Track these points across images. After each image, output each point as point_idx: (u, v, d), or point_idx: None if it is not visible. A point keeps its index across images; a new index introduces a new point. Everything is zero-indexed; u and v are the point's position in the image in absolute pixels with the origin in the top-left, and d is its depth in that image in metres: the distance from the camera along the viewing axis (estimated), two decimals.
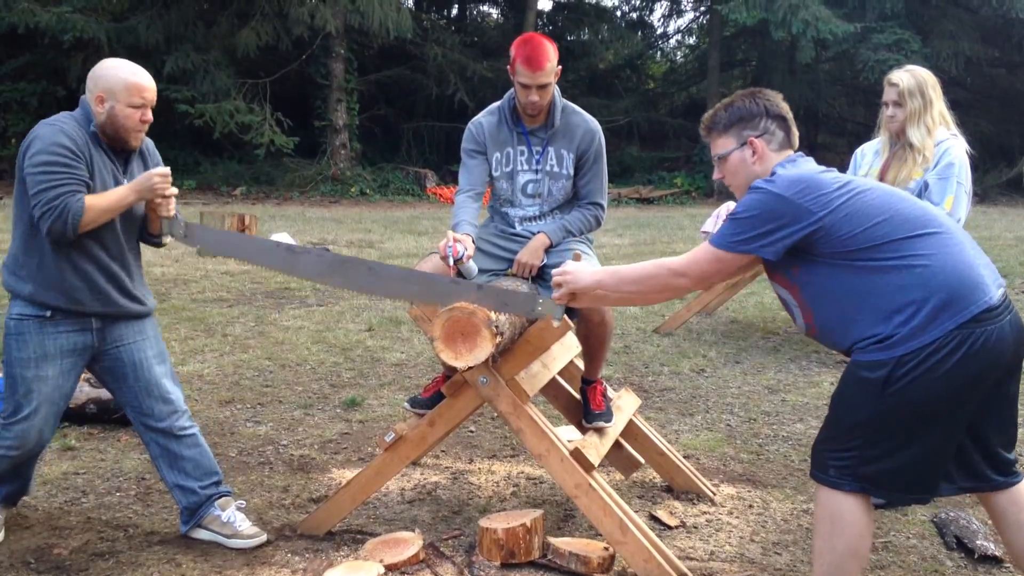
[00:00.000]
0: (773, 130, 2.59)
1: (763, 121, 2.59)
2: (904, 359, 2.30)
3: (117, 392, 3.28)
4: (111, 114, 3.00)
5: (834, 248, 2.39)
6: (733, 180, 2.64)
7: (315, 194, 20.37)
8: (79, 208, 2.91)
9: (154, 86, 3.10)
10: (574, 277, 2.72)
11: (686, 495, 3.78)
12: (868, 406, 2.36)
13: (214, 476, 3.33)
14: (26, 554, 3.14)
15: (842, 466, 2.43)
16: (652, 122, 26.41)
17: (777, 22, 20.47)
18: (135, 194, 3.03)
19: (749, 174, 2.58)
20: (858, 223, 2.38)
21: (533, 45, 3.36)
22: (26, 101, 19.77)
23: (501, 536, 3.05)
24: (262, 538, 3.24)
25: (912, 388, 2.30)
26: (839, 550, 2.44)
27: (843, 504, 2.44)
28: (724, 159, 2.64)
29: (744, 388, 5.56)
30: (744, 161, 2.60)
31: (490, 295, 2.89)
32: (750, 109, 2.60)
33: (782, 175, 2.47)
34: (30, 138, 2.98)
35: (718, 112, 2.66)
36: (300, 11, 19.18)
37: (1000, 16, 22.60)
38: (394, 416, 4.77)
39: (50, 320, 3.04)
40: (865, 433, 2.39)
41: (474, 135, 3.61)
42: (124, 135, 3.05)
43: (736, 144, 2.60)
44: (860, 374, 2.38)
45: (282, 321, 7.16)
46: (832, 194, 2.41)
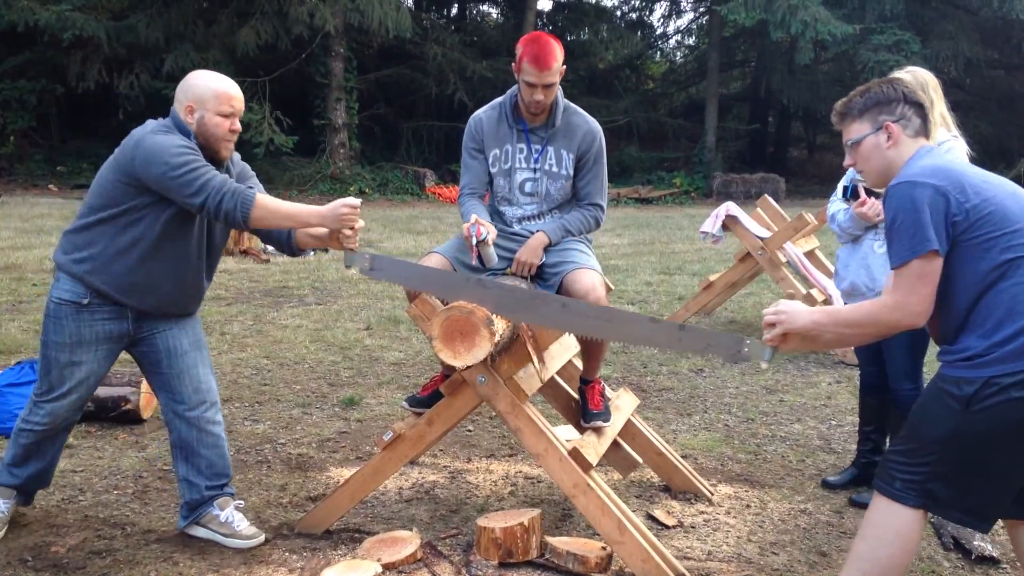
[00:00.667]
0: (910, 116, 2.51)
1: (900, 106, 2.50)
2: (992, 381, 2.24)
3: (150, 376, 3.30)
4: (201, 123, 3.03)
5: (969, 243, 2.30)
6: (866, 165, 2.55)
7: (314, 193, 20.36)
8: (251, 197, 2.91)
9: (242, 95, 3.12)
10: (789, 318, 2.52)
11: (684, 495, 3.78)
12: (948, 422, 2.30)
13: (223, 478, 3.33)
14: (23, 552, 3.14)
15: (909, 479, 2.37)
16: (651, 122, 26.40)
17: (776, 23, 20.47)
18: (320, 219, 3.00)
19: (883, 159, 2.50)
20: (997, 226, 2.30)
21: (541, 44, 3.36)
22: (25, 99, 19.76)
23: (499, 535, 3.05)
24: (260, 538, 3.24)
25: (996, 411, 2.24)
26: (882, 561, 2.39)
27: (901, 517, 2.38)
28: (857, 144, 2.54)
29: (742, 388, 5.57)
30: (879, 146, 2.51)
31: (694, 336, 2.77)
32: (887, 94, 2.52)
33: (923, 166, 2.39)
34: (142, 146, 2.94)
35: (853, 98, 2.58)
36: (300, 10, 19.16)
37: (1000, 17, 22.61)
38: (392, 415, 4.77)
39: (87, 307, 3.06)
40: (941, 450, 2.32)
41: (473, 132, 3.61)
42: (215, 144, 3.06)
43: (871, 129, 2.51)
44: (945, 389, 2.32)
45: (280, 320, 7.16)
46: (979, 186, 2.33)
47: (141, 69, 19.35)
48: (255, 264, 9.92)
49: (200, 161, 2.95)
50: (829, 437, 4.68)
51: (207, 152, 3.05)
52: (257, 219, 2.95)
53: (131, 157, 2.96)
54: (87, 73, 19.20)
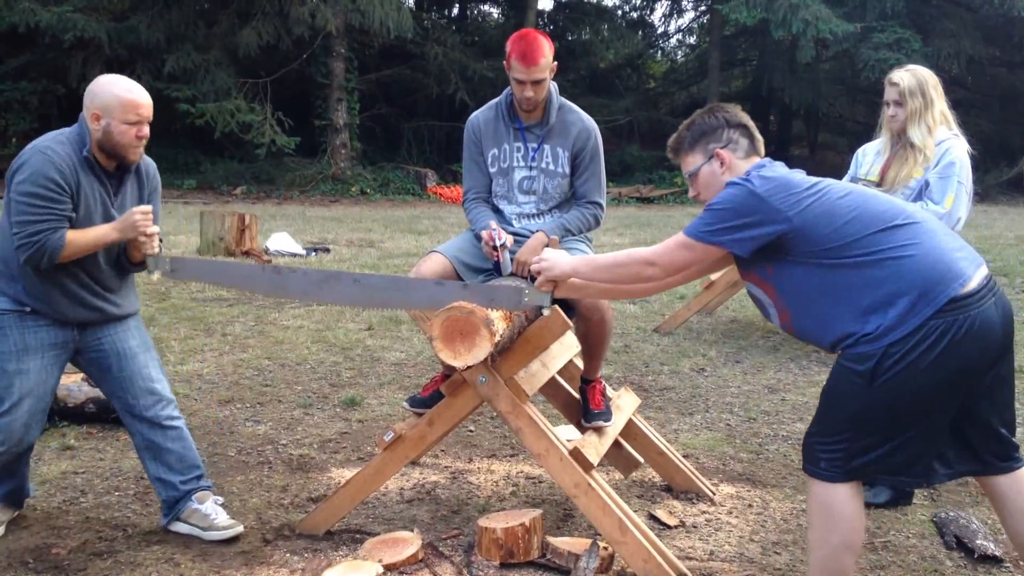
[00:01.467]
0: (737, 139, 2.66)
1: (725, 132, 2.67)
2: (890, 350, 2.32)
3: (102, 384, 3.30)
4: (107, 131, 3.03)
5: (807, 247, 2.43)
6: (707, 193, 2.67)
7: (315, 193, 20.39)
8: (58, 245, 2.95)
9: (150, 102, 3.11)
10: (550, 264, 2.78)
11: (685, 494, 3.77)
12: (857, 399, 2.39)
13: (196, 471, 3.34)
14: (24, 554, 3.13)
15: (833, 458, 2.46)
16: (652, 121, 26.42)
17: (777, 21, 20.48)
18: (117, 232, 3.05)
19: (719, 184, 2.62)
20: (829, 222, 2.42)
21: (528, 41, 3.37)
22: (27, 100, 19.81)
23: (500, 535, 3.04)
24: (238, 529, 3.26)
25: (899, 379, 2.33)
26: (833, 543, 2.47)
27: (836, 496, 2.46)
28: (695, 176, 2.70)
29: (744, 387, 5.56)
30: (714, 173, 2.66)
31: (477, 292, 2.92)
32: (710, 123, 2.69)
33: (756, 175, 2.52)
34: (20, 161, 3.00)
35: (681, 133, 2.75)
36: (301, 10, 19.19)
37: (1001, 15, 22.60)
38: (393, 415, 4.77)
39: (30, 315, 3.07)
40: (855, 425, 2.42)
41: (472, 134, 3.62)
42: (121, 151, 3.07)
43: (703, 159, 2.67)
44: (848, 367, 2.41)
45: (282, 320, 7.16)
46: (803, 194, 2.46)
47: (142, 70, 19.37)
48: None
49: (48, 205, 2.94)
50: None
51: (114, 158, 3.07)
52: (65, 258, 2.99)
53: (13, 168, 3.00)
54: (88, 74, 19.16)
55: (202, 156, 22.05)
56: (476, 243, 3.52)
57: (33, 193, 2.93)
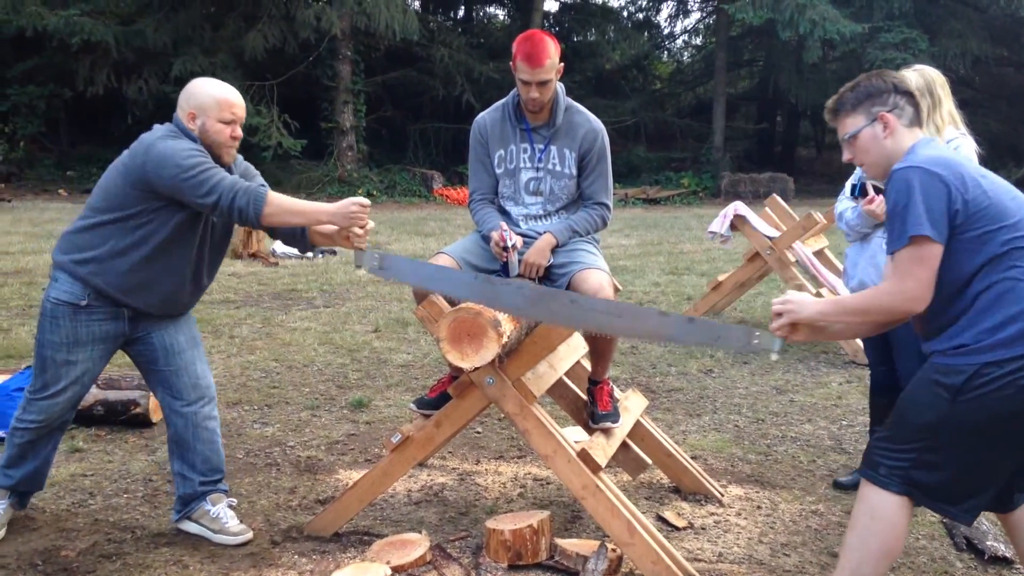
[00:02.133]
0: (903, 105, 2.52)
1: (892, 96, 2.52)
2: (983, 370, 2.25)
3: (147, 374, 3.33)
4: (203, 130, 3.07)
5: (966, 236, 2.31)
6: (865, 158, 2.55)
7: (322, 195, 20.38)
8: (263, 194, 2.95)
9: (243, 103, 3.16)
10: (796, 307, 2.52)
11: (694, 496, 3.76)
12: (936, 411, 2.31)
13: (218, 474, 3.37)
14: (33, 556, 3.14)
15: (894, 467, 2.40)
16: (659, 122, 26.39)
17: (784, 22, 20.44)
18: (330, 217, 3.03)
19: (881, 150, 2.50)
20: (993, 219, 2.31)
21: (534, 42, 3.37)
22: (34, 104, 19.88)
23: (508, 537, 3.04)
24: (248, 535, 3.27)
25: (984, 401, 2.25)
26: (872, 549, 2.42)
27: (887, 504, 2.41)
28: (854, 138, 2.54)
29: (752, 389, 5.54)
30: (876, 137, 2.51)
31: (704, 328, 2.75)
32: (877, 86, 2.53)
33: (926, 155, 2.38)
34: (153, 150, 2.96)
35: (844, 94, 2.58)
36: (306, 13, 19.22)
37: (1008, 15, 22.52)
38: (401, 417, 4.77)
39: (84, 308, 3.08)
40: (927, 438, 2.34)
41: (478, 135, 3.62)
42: (217, 150, 3.09)
43: (866, 121, 2.52)
44: (934, 377, 2.33)
45: (289, 322, 7.17)
46: (977, 180, 2.34)
47: (149, 74, 19.43)
48: (264, 267, 9.93)
49: (210, 162, 2.99)
50: (840, 437, 4.65)
51: (210, 157, 3.08)
52: (269, 215, 2.97)
53: (142, 162, 2.99)
54: (96, 78, 19.29)
55: None
56: (483, 244, 3.52)
57: (194, 163, 2.93)
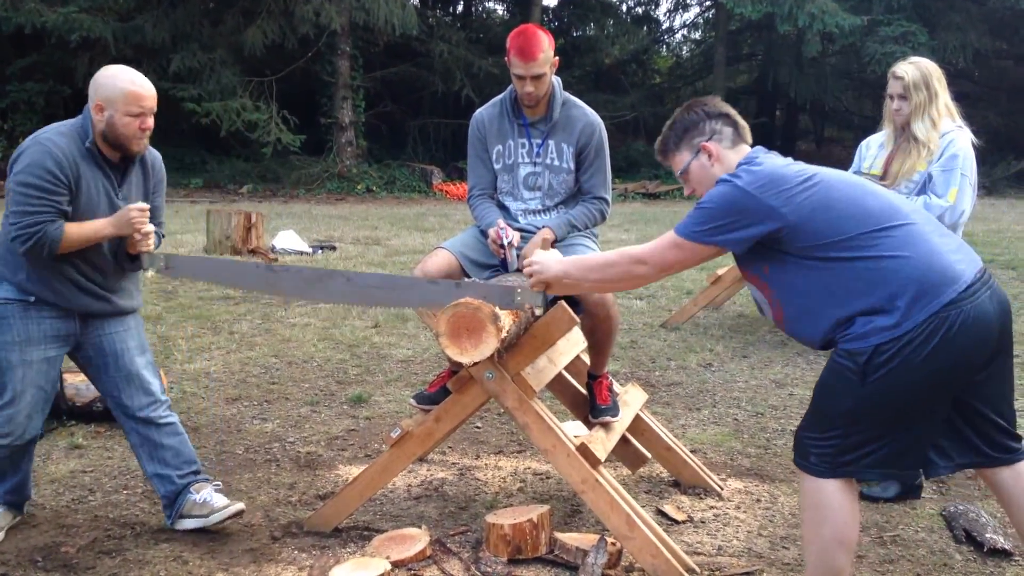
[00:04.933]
0: (720, 128, 2.63)
1: (707, 124, 2.63)
2: (881, 348, 2.30)
3: (97, 381, 3.32)
4: (110, 122, 3.03)
5: (801, 244, 2.40)
6: (700, 188, 2.65)
7: (321, 191, 20.41)
8: (57, 235, 2.97)
9: (154, 93, 3.12)
10: (541, 267, 2.78)
11: (693, 490, 3.77)
12: (848, 396, 2.37)
13: (193, 465, 3.36)
14: (34, 552, 3.14)
15: (823, 454, 2.44)
16: (658, 117, 26.29)
17: (783, 15, 20.44)
18: (112, 228, 3.07)
19: (711, 177, 2.59)
20: (823, 218, 2.38)
21: (526, 36, 3.37)
22: (33, 101, 19.86)
23: (508, 531, 3.04)
24: (238, 505, 3.27)
25: (891, 377, 2.31)
26: (826, 538, 2.45)
27: (826, 491, 2.45)
28: (686, 173, 2.67)
29: (751, 382, 5.55)
30: (703, 167, 2.63)
31: (470, 291, 2.90)
32: (690, 119, 2.66)
33: (747, 170, 2.48)
34: (20, 151, 3.01)
35: (665, 134, 2.72)
36: (306, 9, 19.20)
37: (1008, 8, 22.51)
38: (400, 412, 4.77)
39: (34, 305, 3.08)
40: (846, 422, 2.40)
41: (476, 131, 3.61)
42: (124, 142, 3.08)
43: (691, 155, 2.64)
44: (840, 363, 2.39)
45: (288, 318, 7.17)
46: (796, 189, 2.42)
47: (148, 69, 19.19)
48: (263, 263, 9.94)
49: (44, 196, 2.95)
50: None
51: (118, 149, 3.08)
52: (63, 250, 3.00)
53: (15, 156, 3.01)
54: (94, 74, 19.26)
55: (208, 155, 22.08)
56: (481, 239, 3.52)
57: (30, 184, 2.95)
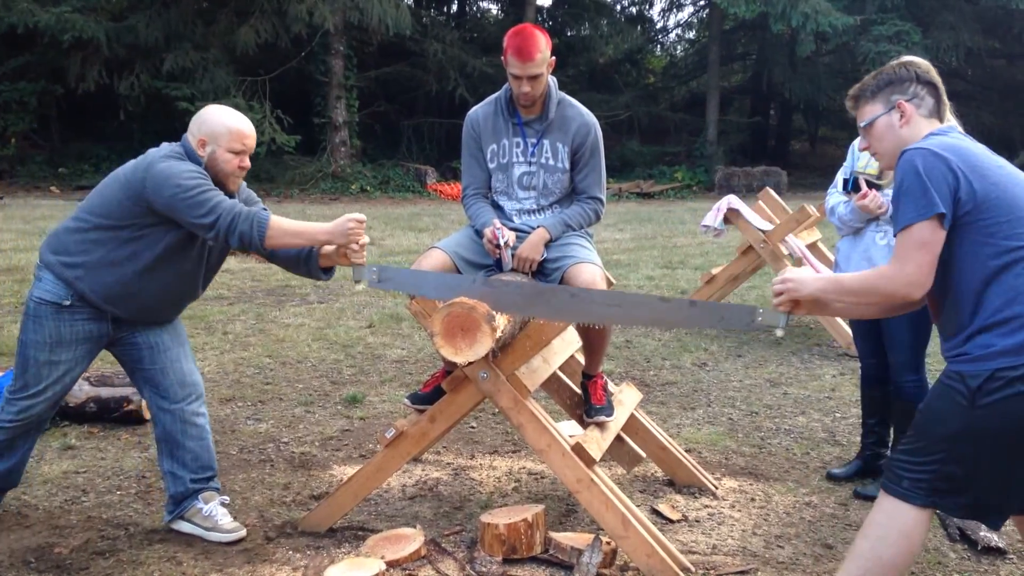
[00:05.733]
0: (923, 95, 2.48)
1: (912, 86, 2.49)
2: (997, 374, 2.19)
3: (133, 373, 3.33)
4: (212, 158, 3.07)
5: (976, 227, 2.26)
6: (879, 146, 2.51)
7: (315, 191, 20.36)
8: (265, 218, 2.96)
9: (255, 134, 3.15)
10: (796, 285, 2.52)
11: (688, 489, 3.77)
12: (954, 420, 2.26)
13: (209, 471, 3.35)
14: (26, 553, 3.13)
15: (917, 479, 2.32)
16: (652, 116, 26.39)
17: (776, 15, 20.45)
18: (327, 235, 3.05)
19: (897, 138, 2.46)
20: (1005, 212, 2.25)
21: (524, 36, 3.36)
22: (26, 101, 19.76)
23: (503, 531, 3.04)
24: (241, 533, 3.27)
25: (1002, 407, 2.19)
26: (884, 559, 2.35)
27: (907, 517, 2.34)
28: (871, 125, 2.51)
29: (746, 382, 5.55)
30: (892, 126, 2.48)
31: (707, 311, 2.78)
32: (899, 75, 2.50)
33: (936, 140, 2.34)
34: (154, 169, 2.96)
35: (865, 81, 2.56)
36: (299, 8, 19.14)
37: (1000, 7, 22.54)
38: (395, 412, 4.76)
39: (67, 308, 3.08)
40: (948, 447, 2.27)
41: (471, 130, 3.60)
42: (223, 179, 3.10)
43: (883, 109, 2.49)
44: (950, 385, 2.28)
45: (283, 318, 7.16)
46: (989, 169, 2.29)
47: (141, 69, 19.34)
48: (257, 263, 9.91)
49: (211, 185, 2.99)
50: (833, 429, 4.67)
51: (216, 184, 3.07)
52: (271, 238, 2.99)
53: (142, 179, 2.99)
54: (87, 74, 19.19)
55: None
56: (476, 239, 3.52)
57: (194, 184, 2.94)
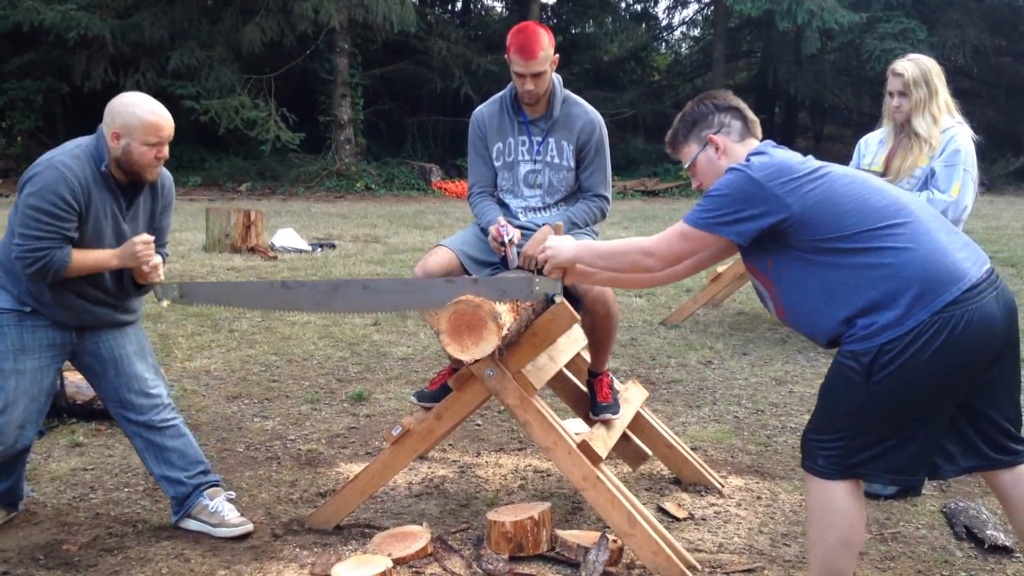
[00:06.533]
0: (728, 122, 2.64)
1: (715, 117, 2.64)
2: (885, 348, 2.29)
3: (97, 387, 3.31)
4: (126, 151, 3.03)
5: (805, 237, 2.38)
6: (707, 180, 2.64)
7: (320, 189, 20.39)
8: (63, 262, 2.96)
9: (171, 124, 3.11)
10: (555, 250, 2.78)
11: (694, 487, 3.77)
12: (854, 396, 2.37)
13: (200, 465, 3.36)
14: (35, 550, 3.15)
15: (830, 455, 2.43)
16: (657, 114, 26.35)
17: (782, 12, 20.43)
18: (117, 260, 3.07)
19: (718, 170, 2.58)
20: (829, 212, 2.37)
21: (527, 34, 3.37)
22: (31, 98, 19.83)
23: (509, 529, 3.04)
24: (248, 527, 3.27)
25: (897, 376, 2.29)
26: (831, 541, 2.45)
27: (833, 493, 2.44)
28: (694, 166, 2.67)
29: (751, 379, 5.55)
30: (711, 160, 2.63)
31: (488, 285, 2.94)
32: (700, 111, 2.66)
33: (756, 160, 2.47)
34: (32, 172, 2.98)
35: (675, 127, 2.73)
36: (304, 6, 19.17)
37: (1007, 5, 22.50)
38: (401, 410, 4.77)
39: (29, 315, 3.08)
40: (852, 423, 2.39)
41: (476, 128, 3.61)
42: (139, 170, 3.07)
43: (698, 147, 2.65)
44: (844, 364, 2.38)
45: (288, 316, 7.16)
46: (803, 179, 2.40)
47: (147, 67, 19.40)
48: (262, 261, 9.93)
49: (54, 223, 2.94)
50: None
51: (131, 175, 3.07)
52: (68, 274, 3.00)
53: (25, 179, 2.99)
54: (93, 72, 19.24)
55: (207, 153, 22.06)
56: (482, 236, 3.52)
57: (41, 208, 2.92)
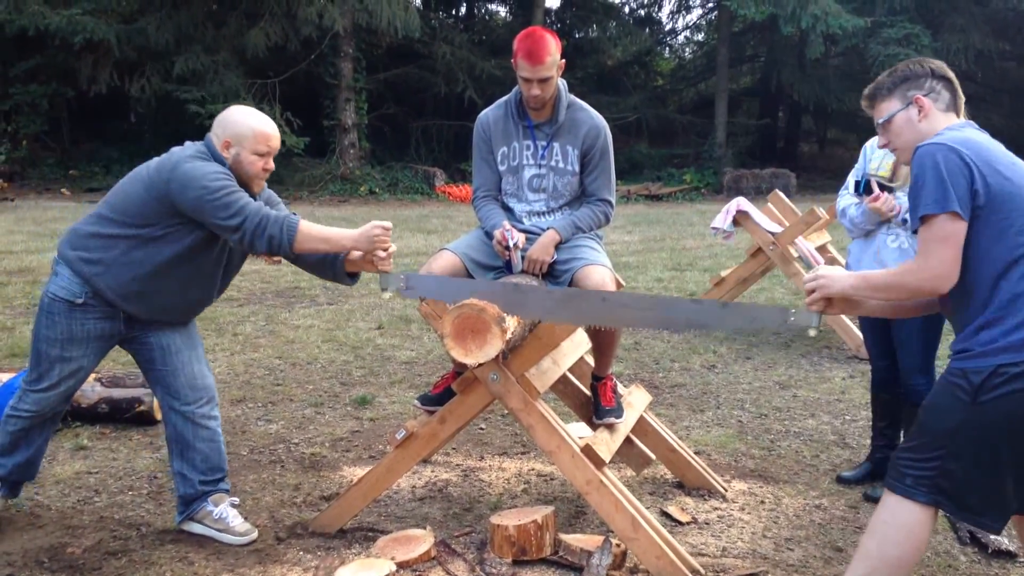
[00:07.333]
0: (939, 90, 2.52)
1: (928, 81, 2.52)
2: (1000, 370, 2.21)
3: (146, 372, 3.35)
4: (236, 160, 3.07)
5: (988, 223, 2.26)
6: (898, 141, 2.53)
7: (324, 193, 20.40)
8: (295, 223, 2.97)
9: (279, 136, 3.16)
10: (828, 281, 2.53)
11: (697, 491, 3.77)
12: (956, 415, 2.27)
13: (218, 473, 3.36)
14: (40, 553, 3.15)
15: (920, 476, 2.34)
16: (661, 119, 26.33)
17: (786, 17, 20.41)
18: (353, 242, 3.05)
19: (916, 132, 2.48)
20: (1018, 208, 2.26)
21: (534, 39, 3.37)
22: (37, 103, 19.87)
23: (513, 533, 3.05)
24: (253, 535, 3.28)
25: (1004, 402, 2.21)
26: (890, 558, 2.36)
27: (911, 515, 2.35)
28: (888, 122, 2.54)
29: (755, 384, 5.55)
30: (910, 120, 2.50)
31: (738, 312, 2.77)
32: (915, 71, 2.54)
33: (952, 135, 2.35)
34: (179, 170, 2.96)
35: (881, 79, 2.59)
36: (308, 11, 19.19)
37: (1011, 9, 22.46)
38: (405, 414, 4.77)
39: (79, 306, 3.09)
40: (950, 444, 2.29)
41: (481, 132, 3.62)
42: (247, 181, 3.10)
43: (901, 104, 2.52)
44: (953, 381, 2.29)
45: (292, 320, 7.18)
46: (1003, 165, 2.30)
47: (152, 72, 19.42)
48: (267, 265, 9.91)
49: (237, 187, 3.00)
50: (843, 432, 4.66)
51: (240, 186, 3.08)
52: (299, 243, 2.99)
53: (166, 180, 2.99)
54: (98, 76, 19.27)
55: None
56: (486, 241, 3.53)
57: (220, 185, 2.94)
